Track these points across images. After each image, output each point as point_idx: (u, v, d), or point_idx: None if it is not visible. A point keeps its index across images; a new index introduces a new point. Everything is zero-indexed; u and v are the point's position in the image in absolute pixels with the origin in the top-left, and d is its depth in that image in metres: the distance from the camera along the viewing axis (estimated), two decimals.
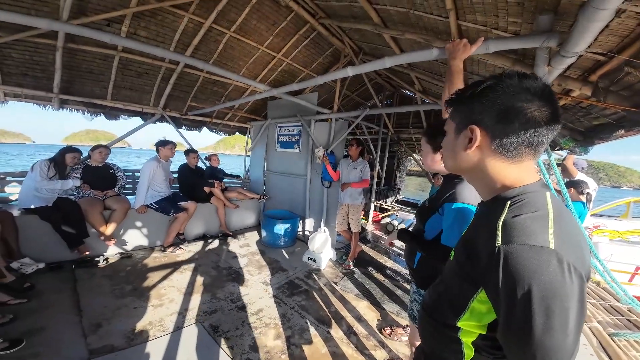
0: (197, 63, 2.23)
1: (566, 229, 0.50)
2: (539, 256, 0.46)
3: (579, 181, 3.02)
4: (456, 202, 1.08)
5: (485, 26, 1.77)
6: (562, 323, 0.44)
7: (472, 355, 0.62)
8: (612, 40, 1.28)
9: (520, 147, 0.56)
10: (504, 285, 0.48)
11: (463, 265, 0.60)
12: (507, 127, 0.55)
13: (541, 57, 1.27)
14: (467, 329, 0.61)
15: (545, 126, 0.53)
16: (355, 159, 3.41)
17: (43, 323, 1.86)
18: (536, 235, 0.48)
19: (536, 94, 0.53)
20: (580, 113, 1.99)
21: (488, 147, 0.58)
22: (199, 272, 2.91)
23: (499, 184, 0.59)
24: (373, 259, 3.76)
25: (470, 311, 0.59)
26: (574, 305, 0.45)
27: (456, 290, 0.63)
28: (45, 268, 2.52)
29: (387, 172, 6.77)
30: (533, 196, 0.54)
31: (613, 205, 6.28)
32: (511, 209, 0.53)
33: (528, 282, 0.45)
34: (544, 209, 0.52)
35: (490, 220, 0.54)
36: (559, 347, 0.44)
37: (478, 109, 0.58)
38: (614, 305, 2.73)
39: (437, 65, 3.04)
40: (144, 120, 4.33)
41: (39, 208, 2.58)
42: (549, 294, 0.44)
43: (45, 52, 2.97)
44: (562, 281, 0.44)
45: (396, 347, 2.03)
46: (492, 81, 0.56)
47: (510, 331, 0.50)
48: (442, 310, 0.68)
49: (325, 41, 4.18)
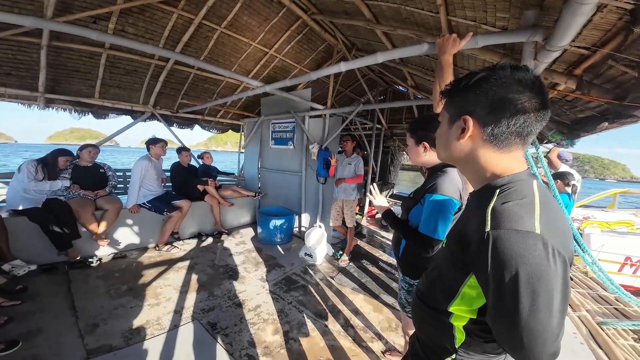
0: (188, 59, 2.20)
1: (551, 215, 0.52)
2: (526, 240, 0.48)
3: (565, 173, 3.11)
4: (435, 193, 1.13)
5: (474, 21, 1.80)
6: (547, 305, 0.46)
7: (463, 339, 0.65)
8: (595, 35, 1.32)
9: (510, 137, 0.58)
10: (493, 269, 0.50)
11: (454, 252, 0.63)
12: (499, 117, 0.57)
13: (528, 51, 1.30)
14: (458, 313, 0.64)
15: (535, 117, 0.56)
16: (349, 155, 3.44)
17: (39, 325, 1.85)
18: (523, 220, 0.50)
19: (527, 86, 0.55)
20: (566, 106, 2.04)
21: (480, 137, 0.60)
22: (195, 271, 2.90)
23: (489, 173, 0.62)
24: (368, 253, 3.81)
25: (461, 296, 0.62)
26: (558, 288, 0.47)
27: (448, 276, 0.66)
28: (38, 270, 2.48)
29: (381, 168, 6.83)
30: (521, 184, 0.57)
31: (600, 197, 6.51)
32: (500, 196, 0.55)
33: (515, 265, 0.47)
34: (531, 196, 0.54)
35: (481, 208, 0.56)
36: (545, 329, 0.47)
37: (471, 100, 0.60)
38: (601, 294, 2.83)
39: (429, 61, 3.07)
40: (133, 119, 4.25)
41: (28, 209, 2.53)
42: (534, 276, 0.46)
43: (30, 51, 2.88)
44: (546, 265, 0.47)
45: (392, 338, 2.08)
46: (486, 73, 0.58)
47: (498, 314, 0.52)
48: (435, 297, 0.70)
49: (318, 37, 4.17)
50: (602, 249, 3.94)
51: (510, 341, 0.51)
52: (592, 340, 2.01)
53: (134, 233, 3.33)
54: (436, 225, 1.11)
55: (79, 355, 1.64)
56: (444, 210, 1.11)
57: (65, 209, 2.69)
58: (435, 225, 1.11)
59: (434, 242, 1.10)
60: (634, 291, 3.87)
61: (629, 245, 3.97)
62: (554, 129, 2.31)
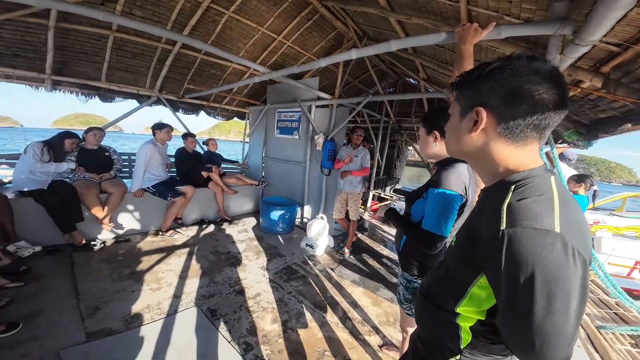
0: (195, 43, 2.14)
1: (571, 214, 0.49)
2: (544, 239, 0.45)
3: (588, 176, 3.02)
4: (439, 187, 1.09)
5: (496, 12, 1.69)
6: (563, 307, 0.44)
7: (469, 340, 0.63)
8: (628, 31, 1.22)
9: (526, 130, 0.55)
10: (506, 268, 0.47)
11: (464, 250, 0.60)
12: (514, 109, 0.54)
13: (554, 44, 1.22)
14: (465, 314, 0.62)
15: (553, 109, 0.53)
16: (356, 147, 3.38)
17: (40, 307, 1.87)
18: (542, 218, 0.47)
19: (545, 76, 0.52)
20: (587, 105, 1.94)
21: (493, 129, 0.57)
22: (197, 257, 2.93)
23: (502, 168, 0.59)
24: (369, 247, 3.81)
25: (470, 297, 0.59)
26: (576, 290, 0.44)
27: (456, 275, 0.63)
28: (42, 251, 2.52)
29: (387, 162, 6.74)
30: (538, 180, 0.53)
31: (610, 200, 6.39)
32: (516, 192, 0.52)
33: (531, 265, 0.45)
34: (549, 193, 0.51)
35: (494, 204, 0.53)
36: (559, 332, 0.44)
37: (485, 91, 0.57)
38: (602, 298, 2.81)
39: (444, 53, 2.95)
40: (139, 103, 4.22)
41: (34, 191, 2.55)
42: (551, 277, 0.44)
43: (37, 32, 2.87)
44: (565, 265, 0.44)
45: (390, 332, 2.08)
46: (501, 62, 0.55)
47: (510, 316, 0.50)
48: (441, 295, 0.68)
49: (328, 24, 4.03)
50: (612, 253, 3.91)
51: (521, 344, 0.49)
52: (589, 343, 2.00)
53: (138, 217, 3.37)
54: (439, 220, 1.07)
55: (78, 337, 1.66)
56: (447, 205, 1.07)
57: (71, 191, 2.71)
58: (438, 220, 1.07)
59: (436, 238, 1.06)
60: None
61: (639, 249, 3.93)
62: (571, 129, 2.21)
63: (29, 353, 1.49)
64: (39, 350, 1.52)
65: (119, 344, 1.65)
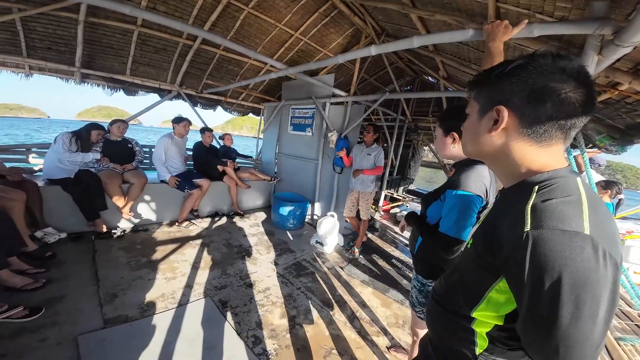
0: (216, 38, 2.17)
1: (601, 216, 0.47)
2: (573, 242, 0.43)
3: (616, 183, 2.87)
4: (458, 189, 1.06)
5: (528, 9, 1.60)
6: (592, 313, 0.42)
7: (485, 346, 0.61)
8: None
9: (550, 130, 0.53)
10: (531, 272, 0.45)
11: (481, 253, 0.58)
12: (538, 108, 0.52)
13: (592, 44, 1.14)
14: (482, 319, 0.60)
15: (580, 109, 0.50)
16: (369, 145, 3.32)
17: (62, 292, 1.95)
18: (570, 220, 0.45)
19: (572, 75, 0.50)
20: (624, 109, 1.81)
21: (515, 129, 0.55)
22: (210, 248, 3.01)
23: (524, 169, 0.56)
24: (380, 248, 3.77)
25: (487, 301, 0.58)
26: (606, 295, 0.42)
27: (472, 280, 0.61)
28: (67, 238, 2.66)
29: (401, 162, 6.61)
30: (563, 181, 0.51)
31: None
32: (540, 193, 0.50)
33: (558, 269, 0.42)
34: (577, 194, 0.48)
35: (515, 206, 0.51)
36: (586, 339, 0.42)
37: (507, 89, 0.55)
38: (625, 310, 2.67)
39: (467, 51, 2.83)
40: (160, 97, 4.35)
41: (62, 179, 2.70)
42: (580, 281, 0.42)
43: (68, 26, 3.01)
44: (596, 268, 0.42)
45: (398, 335, 2.06)
46: (524, 60, 0.53)
47: (533, 322, 0.47)
48: (455, 300, 0.66)
49: (347, 20, 3.97)
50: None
51: (543, 351, 0.46)
52: (607, 355, 1.92)
53: (156, 208, 3.49)
54: (457, 223, 1.03)
55: (97, 323, 1.72)
56: (467, 208, 1.03)
57: (96, 180, 2.84)
58: (456, 223, 1.03)
59: (454, 242, 1.03)
60: None
61: None
62: (604, 133, 2.07)
63: (49, 338, 1.56)
64: (57, 335, 1.58)
65: (134, 331, 1.72)
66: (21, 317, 1.63)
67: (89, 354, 1.49)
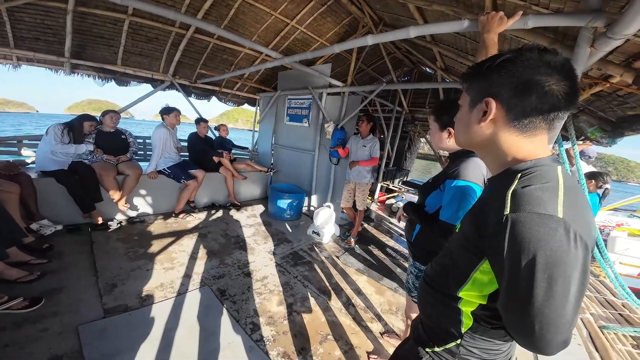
0: (209, 27, 2.13)
1: (576, 202, 0.50)
2: (547, 224, 0.46)
3: (602, 174, 2.94)
4: (458, 179, 1.09)
5: (524, 1, 1.59)
6: (563, 292, 0.45)
7: (470, 325, 0.65)
8: None
9: (535, 121, 0.55)
10: (509, 252, 0.48)
11: (468, 236, 0.61)
12: (524, 100, 0.54)
13: (585, 37, 1.15)
14: (467, 299, 0.64)
15: (563, 101, 0.53)
16: (365, 136, 3.33)
17: (61, 283, 1.97)
18: (545, 204, 0.48)
19: (556, 68, 0.52)
20: (615, 102, 1.84)
21: (502, 120, 0.58)
22: (208, 239, 3.04)
23: (510, 158, 0.59)
24: (375, 238, 3.84)
25: (472, 281, 0.61)
26: (576, 275, 0.45)
27: (460, 261, 0.65)
28: (63, 230, 2.66)
29: (397, 153, 6.63)
30: (544, 169, 0.54)
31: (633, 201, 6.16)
32: (521, 180, 0.53)
33: (533, 250, 0.45)
34: (555, 181, 0.52)
35: (500, 191, 0.54)
36: (559, 316, 0.45)
37: (495, 82, 0.57)
38: (609, 299, 2.78)
39: (464, 42, 2.81)
40: (153, 87, 4.27)
41: (55, 171, 2.67)
42: (553, 261, 0.45)
43: (56, 16, 2.93)
44: (567, 250, 0.45)
45: (392, 321, 2.14)
46: (511, 54, 0.56)
47: (511, 300, 0.51)
48: (444, 281, 0.70)
49: (343, 9, 3.89)
50: (626, 252, 3.84)
51: (520, 327, 0.50)
52: (590, 343, 2.01)
53: (153, 200, 3.49)
54: (458, 212, 1.07)
55: (97, 313, 1.75)
56: (467, 197, 1.07)
57: (90, 172, 2.82)
58: (457, 212, 1.07)
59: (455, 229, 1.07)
60: None
61: None
62: (595, 126, 2.11)
63: (50, 328, 1.59)
64: (58, 325, 1.61)
65: (134, 320, 1.75)
66: (22, 308, 1.65)
67: (90, 343, 1.53)
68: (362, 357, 1.75)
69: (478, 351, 0.66)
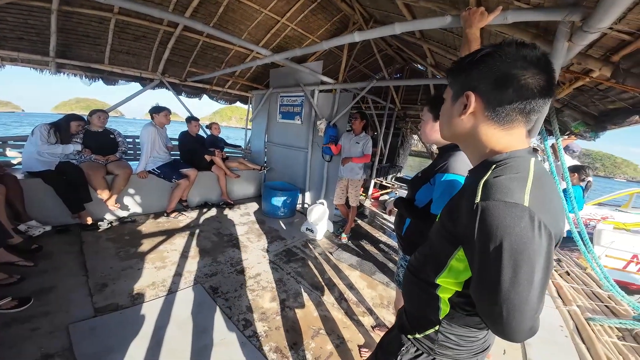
0: (197, 25, 2.11)
1: (544, 192, 0.52)
2: (513, 212, 0.48)
3: (584, 167, 3.02)
4: (448, 173, 1.10)
5: None
6: (528, 278, 0.46)
7: (447, 311, 0.68)
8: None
9: (512, 114, 0.57)
10: (479, 239, 0.50)
11: (446, 225, 0.64)
12: (502, 93, 0.56)
13: (562, 31, 1.17)
14: (445, 285, 0.66)
15: (539, 94, 0.54)
16: (358, 133, 3.35)
17: (51, 283, 1.95)
18: (512, 193, 0.49)
19: (532, 62, 0.54)
20: (597, 96, 1.89)
21: (482, 113, 0.60)
22: (200, 238, 3.03)
23: (489, 150, 0.61)
24: (368, 234, 3.87)
25: (449, 269, 0.63)
26: (540, 262, 0.47)
27: (438, 249, 0.67)
28: (52, 231, 2.62)
29: (390, 150, 6.68)
30: (517, 160, 0.56)
31: (617, 196, 6.33)
32: (495, 170, 0.55)
33: (500, 236, 0.47)
34: (525, 172, 0.53)
35: (474, 182, 0.56)
36: (524, 302, 0.47)
37: (475, 76, 0.59)
38: (595, 291, 2.84)
39: (452, 38, 2.84)
40: (142, 86, 4.22)
41: (43, 172, 2.63)
42: (518, 248, 0.46)
43: (40, 15, 2.87)
44: (531, 237, 0.47)
45: (383, 314, 2.17)
46: (491, 49, 0.57)
47: (481, 285, 0.53)
48: (426, 270, 0.72)
49: (334, 6, 3.90)
50: (611, 245, 3.93)
51: (490, 313, 0.52)
52: (577, 334, 2.05)
53: (144, 199, 3.46)
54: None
55: (88, 312, 1.74)
56: (455, 190, 1.07)
57: (78, 172, 2.78)
58: None
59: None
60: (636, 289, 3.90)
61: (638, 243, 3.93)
62: (579, 120, 2.16)
63: (40, 327, 1.58)
64: (49, 325, 1.60)
65: (125, 318, 1.75)
66: (10, 308, 1.63)
67: (81, 341, 1.52)
68: (353, 351, 1.78)
69: (455, 337, 0.68)
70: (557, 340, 1.98)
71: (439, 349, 0.70)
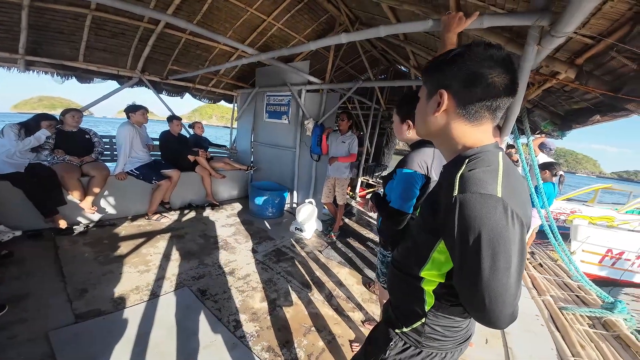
0: (179, 22, 2.06)
1: (512, 183, 0.56)
2: (487, 203, 0.51)
3: (553, 163, 3.20)
4: (402, 167, 1.19)
5: (483, 2, 1.72)
6: (506, 266, 0.49)
7: (432, 303, 0.71)
8: (602, 24, 1.28)
9: (480, 111, 0.60)
10: (458, 231, 0.53)
11: (427, 219, 0.67)
12: (471, 91, 0.59)
13: (532, 35, 1.27)
14: (428, 278, 0.69)
15: (503, 92, 0.58)
16: (344, 133, 3.40)
17: (26, 289, 1.85)
18: (486, 185, 0.53)
19: (498, 62, 0.57)
20: (563, 97, 2.04)
21: (453, 110, 0.63)
22: (185, 240, 2.95)
23: (461, 145, 0.65)
24: (356, 231, 3.93)
25: (432, 261, 0.66)
26: (515, 249, 0.50)
27: (421, 243, 0.70)
28: (23, 236, 2.46)
29: (376, 149, 6.82)
30: (488, 154, 0.60)
31: (585, 191, 6.80)
32: (468, 164, 0.59)
33: (478, 226, 0.50)
34: (495, 165, 0.58)
35: (450, 176, 0.59)
36: (504, 288, 0.50)
37: (448, 75, 0.62)
38: (566, 281, 3.05)
39: (434, 41, 2.96)
40: (120, 84, 4.04)
41: (10, 174, 2.45)
42: (495, 237, 0.49)
43: (10, 12, 2.70)
44: (505, 226, 0.50)
45: (372, 309, 2.22)
46: (462, 49, 0.60)
47: (462, 275, 0.56)
48: (409, 263, 0.75)
49: (320, 7, 3.92)
50: (587, 240, 4.13)
51: (473, 302, 0.55)
52: (552, 323, 2.19)
53: (123, 201, 3.31)
54: (401, 197, 1.15)
55: (68, 319, 1.67)
56: (408, 183, 1.16)
57: (49, 174, 2.62)
58: (400, 197, 1.16)
59: (400, 214, 1.14)
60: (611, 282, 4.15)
61: (611, 238, 4.17)
62: (547, 119, 2.32)
63: (18, 335, 1.50)
64: (27, 332, 1.53)
65: (110, 324, 1.68)
66: None
67: (62, 348, 1.45)
68: (344, 346, 1.80)
69: (441, 329, 0.72)
70: (534, 329, 2.11)
71: (426, 341, 0.73)
